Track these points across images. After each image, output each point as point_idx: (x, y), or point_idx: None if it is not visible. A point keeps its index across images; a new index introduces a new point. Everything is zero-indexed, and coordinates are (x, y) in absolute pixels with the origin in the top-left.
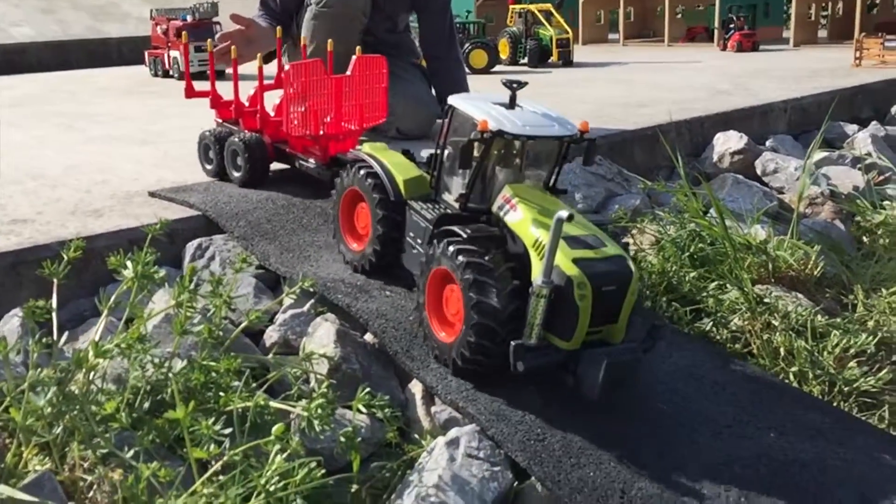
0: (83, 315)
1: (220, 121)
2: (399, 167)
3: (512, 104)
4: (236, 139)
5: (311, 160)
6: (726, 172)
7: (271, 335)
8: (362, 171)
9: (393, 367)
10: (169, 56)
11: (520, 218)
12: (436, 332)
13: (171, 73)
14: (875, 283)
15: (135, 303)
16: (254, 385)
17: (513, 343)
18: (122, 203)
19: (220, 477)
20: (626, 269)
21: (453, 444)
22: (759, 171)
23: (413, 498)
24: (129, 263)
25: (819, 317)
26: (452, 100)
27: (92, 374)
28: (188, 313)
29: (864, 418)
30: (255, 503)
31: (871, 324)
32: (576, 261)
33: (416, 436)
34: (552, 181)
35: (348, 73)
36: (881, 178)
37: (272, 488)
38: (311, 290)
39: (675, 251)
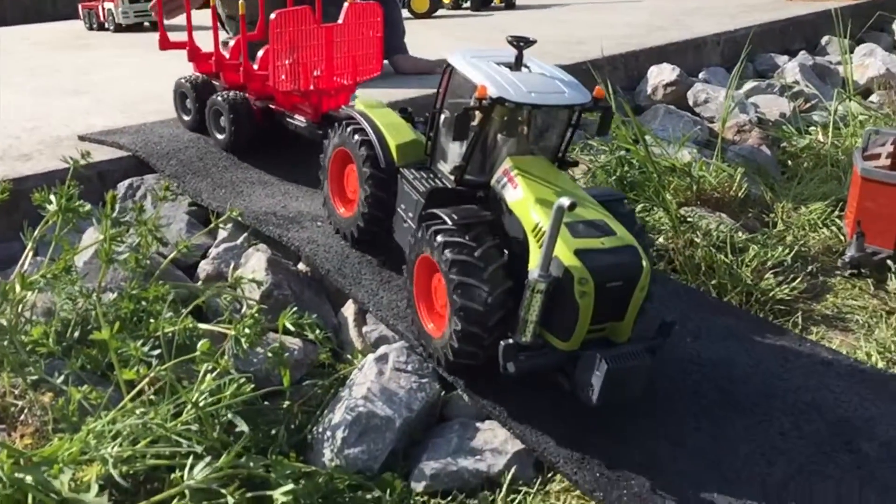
0: (14, 257)
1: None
2: (393, 129)
3: (518, 64)
4: (219, 98)
5: (301, 118)
6: (659, 104)
7: (204, 268)
8: (350, 130)
9: (325, 292)
10: (103, 8)
11: (519, 197)
12: (424, 324)
13: (106, 25)
14: (797, 203)
15: (60, 236)
16: (183, 311)
17: (502, 343)
18: (51, 147)
19: (151, 397)
20: (635, 262)
21: (382, 359)
22: (690, 102)
23: (343, 410)
24: (52, 198)
25: (740, 234)
26: (451, 58)
27: (20, 306)
28: (115, 245)
29: (778, 323)
30: (185, 418)
31: (789, 239)
32: (578, 252)
33: (349, 356)
34: (561, 152)
35: (340, 21)
36: (807, 105)
37: (202, 403)
38: (241, 220)
39: (605, 177)
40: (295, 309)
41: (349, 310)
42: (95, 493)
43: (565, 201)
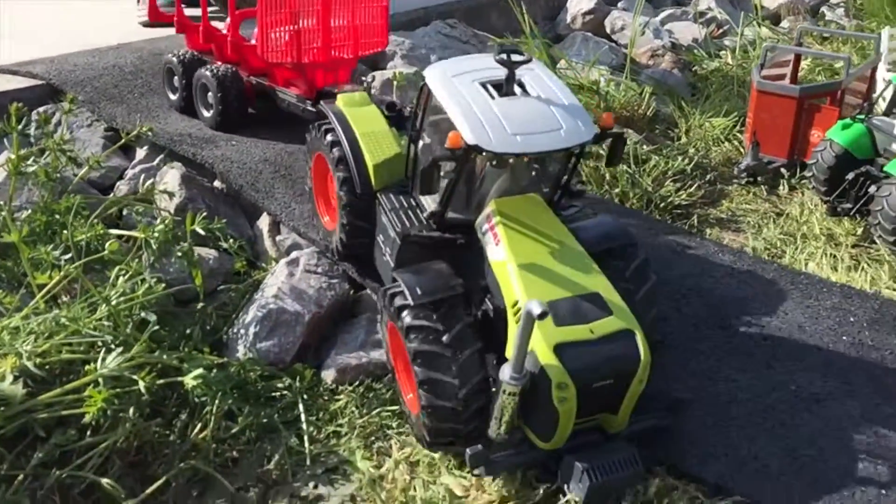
0: None
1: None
2: (373, 142)
3: (509, 86)
4: (207, 73)
5: (294, 94)
6: (577, 32)
7: (121, 188)
8: (328, 142)
9: (241, 207)
10: None
11: (501, 258)
12: (403, 391)
13: None
14: (702, 120)
15: None
16: (96, 221)
17: (469, 451)
18: None
19: (65, 299)
20: (630, 355)
21: (293, 262)
22: (608, 30)
23: (255, 309)
24: None
25: (644, 146)
26: (429, 75)
27: None
28: (24, 161)
29: (674, 225)
30: (98, 315)
31: (691, 151)
32: (559, 348)
33: (263, 265)
34: (562, 186)
35: None
36: (720, 31)
37: (114, 302)
38: (154, 140)
39: None
40: (205, 214)
41: (263, 222)
42: (10, 382)
43: (535, 309)
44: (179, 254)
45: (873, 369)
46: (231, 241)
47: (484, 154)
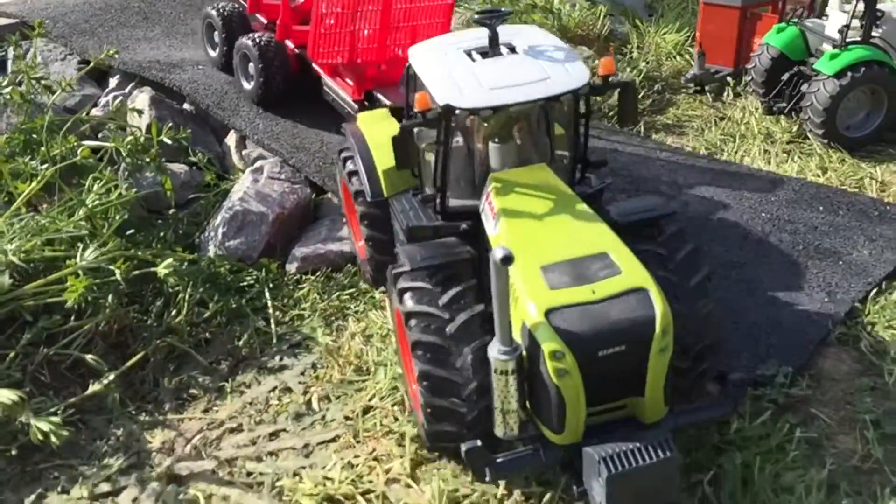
0: None
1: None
2: (384, 150)
3: (494, 47)
4: (249, 42)
5: (340, 91)
6: None
7: (95, 114)
8: (342, 159)
9: (209, 126)
10: None
11: (497, 232)
12: (409, 382)
13: None
14: (657, 37)
15: None
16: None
17: (464, 447)
18: None
19: (45, 206)
20: (642, 316)
21: (258, 170)
22: None
23: (223, 212)
24: None
25: (594, 61)
26: (412, 52)
27: None
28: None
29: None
30: (76, 219)
31: (642, 65)
32: (552, 313)
33: (232, 176)
34: (579, 152)
35: None
36: None
37: (90, 205)
38: (123, 67)
39: None
40: (171, 125)
41: (231, 139)
42: None
43: (498, 253)
44: (148, 159)
45: (787, 239)
46: (200, 155)
47: (457, 113)
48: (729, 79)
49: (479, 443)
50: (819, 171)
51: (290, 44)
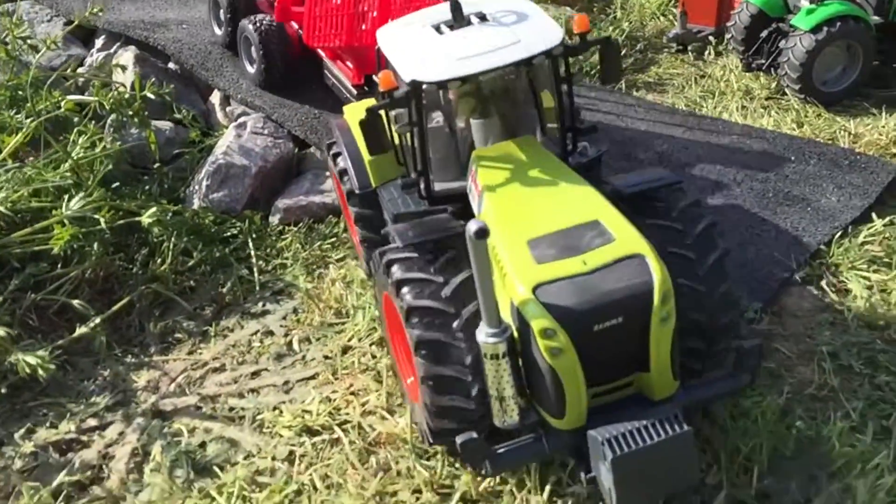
0: None
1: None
2: None
3: (459, 19)
4: (250, 25)
5: (340, 75)
6: None
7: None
8: (331, 155)
9: (194, 84)
10: None
11: (481, 210)
12: (402, 374)
13: None
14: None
15: None
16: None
17: (458, 440)
18: None
19: (31, 159)
20: (637, 284)
21: (241, 126)
22: None
23: (206, 166)
24: None
25: None
26: (380, 34)
27: None
28: None
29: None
30: (62, 170)
31: (624, 24)
32: (540, 288)
33: (216, 133)
34: (565, 120)
35: None
36: None
37: (76, 156)
38: (109, 27)
39: None
40: (153, 80)
41: (215, 96)
42: None
43: (472, 226)
44: (131, 113)
45: (757, 187)
46: (185, 112)
47: (426, 88)
48: (711, 38)
49: (475, 435)
50: (795, 124)
51: (294, 24)
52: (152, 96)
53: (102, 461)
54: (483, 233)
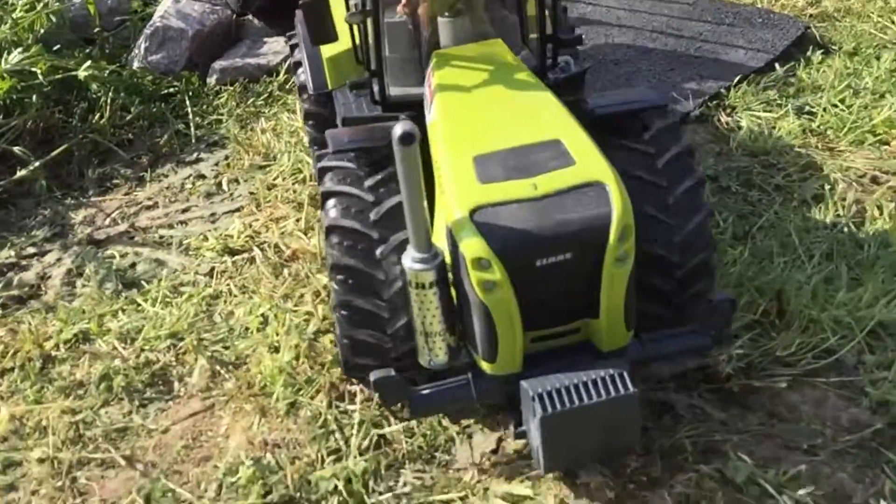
0: None
1: None
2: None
3: None
4: None
5: None
6: None
7: None
8: (290, 46)
9: None
10: None
11: (432, 117)
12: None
13: None
14: None
15: None
16: None
17: (372, 377)
18: None
19: None
20: (593, 217)
21: None
22: None
23: (142, 40)
24: None
25: None
26: None
27: None
28: None
29: None
30: (4, 28)
31: None
32: (478, 212)
33: (157, 2)
34: (546, 25)
35: None
36: None
37: (16, 15)
38: None
39: None
40: None
41: None
42: None
43: (398, 128)
44: None
45: (671, 43)
46: None
47: None
48: None
49: (392, 372)
50: None
51: None
52: None
53: (40, 281)
54: (410, 137)
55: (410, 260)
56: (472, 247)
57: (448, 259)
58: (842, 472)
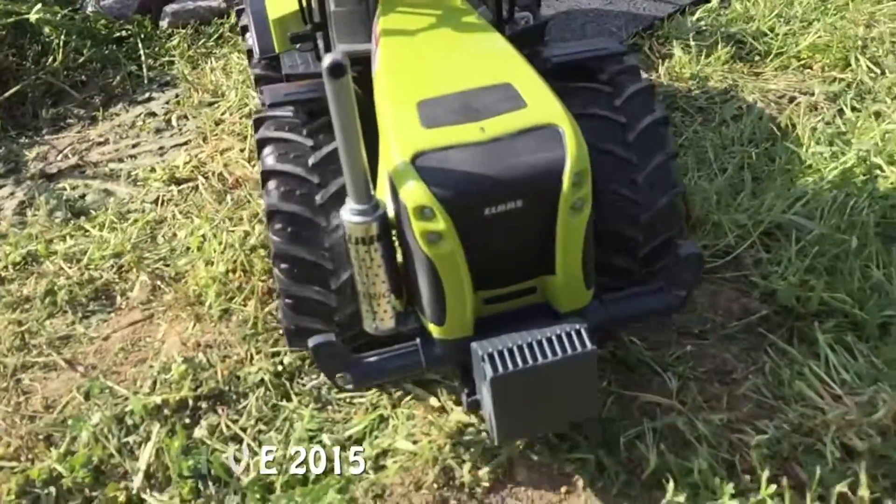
0: None
1: None
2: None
3: None
4: None
5: None
6: None
7: None
8: (236, 10)
9: None
10: None
11: (377, 66)
12: None
13: None
14: None
15: None
16: None
17: (311, 342)
18: None
19: None
20: (546, 159)
21: None
22: None
23: None
24: None
25: None
26: None
27: None
28: None
29: None
30: None
31: None
32: (421, 158)
33: None
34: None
35: None
36: None
37: None
38: None
39: None
40: None
41: None
42: None
43: (327, 59)
44: None
45: None
46: None
47: None
48: None
49: (332, 337)
50: None
51: None
52: None
53: None
54: (340, 68)
55: (349, 212)
56: (414, 194)
57: (391, 213)
58: (727, 353)
